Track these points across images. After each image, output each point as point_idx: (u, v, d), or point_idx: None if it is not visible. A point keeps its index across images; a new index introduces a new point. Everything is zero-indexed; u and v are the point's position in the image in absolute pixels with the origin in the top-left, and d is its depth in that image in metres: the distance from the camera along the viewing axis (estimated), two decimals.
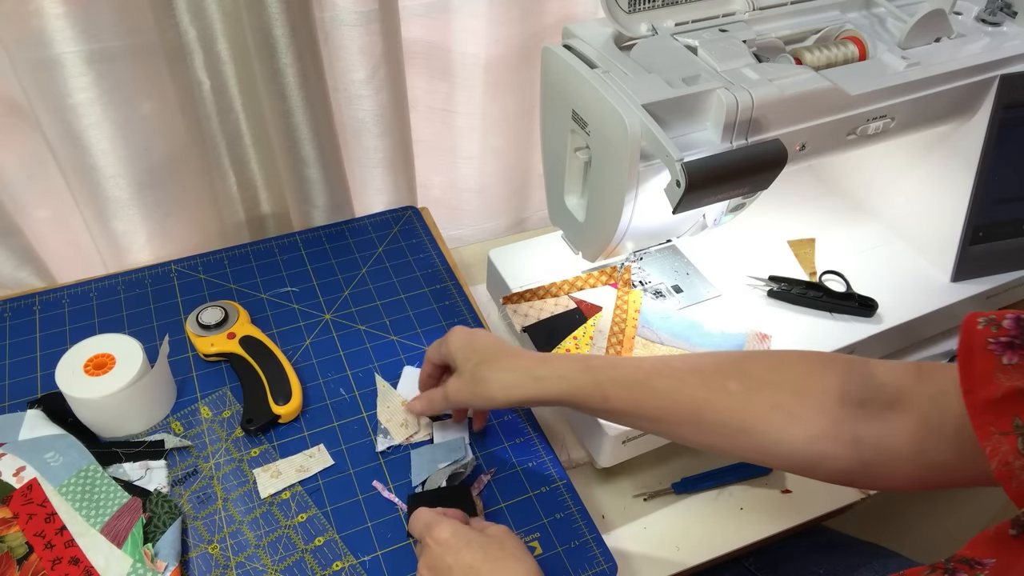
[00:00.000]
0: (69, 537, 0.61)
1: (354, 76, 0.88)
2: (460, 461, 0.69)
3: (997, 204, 0.80)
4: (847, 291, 0.82)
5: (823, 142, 0.68)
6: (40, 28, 0.71)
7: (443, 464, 0.68)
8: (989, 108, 0.75)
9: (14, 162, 0.83)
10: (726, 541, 0.71)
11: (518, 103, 1.03)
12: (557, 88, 0.67)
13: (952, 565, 0.45)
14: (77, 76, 0.74)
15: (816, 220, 0.91)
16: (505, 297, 0.78)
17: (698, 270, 0.83)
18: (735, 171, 0.59)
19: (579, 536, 0.66)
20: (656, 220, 0.69)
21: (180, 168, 0.87)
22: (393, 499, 0.67)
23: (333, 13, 0.83)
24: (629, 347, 0.74)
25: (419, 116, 1.00)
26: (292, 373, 0.75)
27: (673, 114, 0.61)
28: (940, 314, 0.82)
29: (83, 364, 0.69)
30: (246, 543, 0.64)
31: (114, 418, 0.70)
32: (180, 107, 0.84)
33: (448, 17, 0.92)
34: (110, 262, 0.92)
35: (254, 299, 0.85)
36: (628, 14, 0.66)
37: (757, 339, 0.77)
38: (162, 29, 0.78)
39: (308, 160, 0.89)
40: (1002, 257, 0.84)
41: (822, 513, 0.73)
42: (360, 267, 0.90)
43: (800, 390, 0.54)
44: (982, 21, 0.77)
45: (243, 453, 0.70)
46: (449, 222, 1.12)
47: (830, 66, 0.68)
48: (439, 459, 0.69)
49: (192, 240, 0.92)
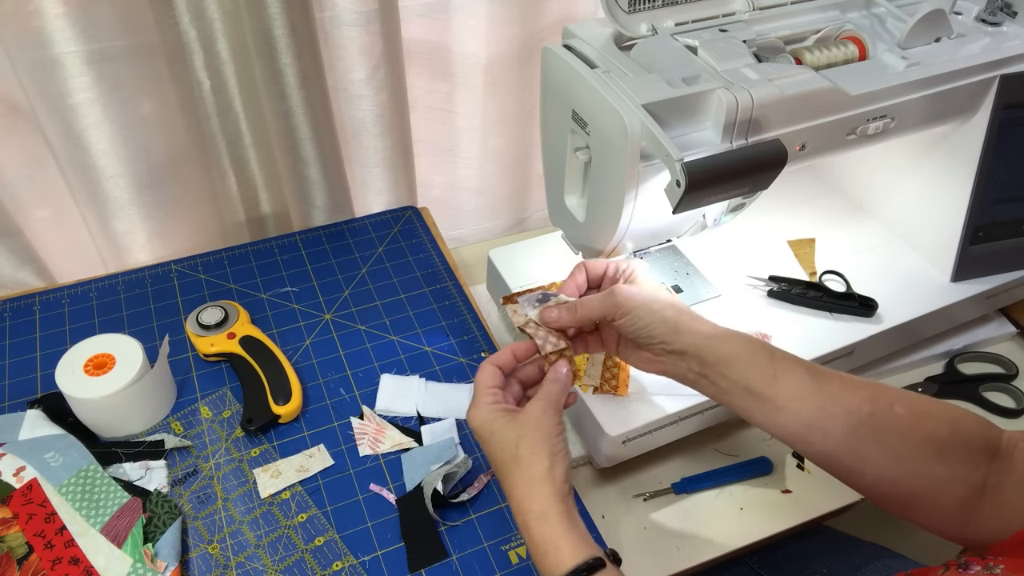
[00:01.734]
0: (69, 537, 0.61)
1: (354, 76, 0.88)
2: (452, 462, 0.69)
3: (997, 204, 0.80)
4: (847, 291, 0.82)
5: (823, 142, 0.68)
6: (40, 28, 0.71)
7: (436, 466, 0.68)
8: (989, 108, 0.75)
9: (14, 162, 0.83)
10: (726, 541, 0.71)
11: (518, 103, 1.03)
12: (557, 88, 0.67)
13: (964, 560, 0.45)
14: (77, 76, 0.74)
15: (816, 220, 0.91)
16: (505, 297, 0.78)
17: (698, 270, 0.83)
18: (735, 171, 0.59)
19: None
20: (656, 220, 0.69)
21: (180, 168, 0.87)
22: (392, 499, 0.67)
23: (333, 13, 0.83)
24: None
25: (419, 116, 1.00)
26: (292, 373, 0.75)
27: (673, 114, 0.61)
28: (940, 314, 0.82)
29: (83, 364, 0.69)
30: (246, 543, 0.64)
31: (114, 418, 0.70)
32: (180, 107, 0.84)
33: (448, 17, 0.92)
34: (110, 262, 0.92)
35: (254, 299, 0.85)
36: (628, 14, 0.66)
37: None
38: (162, 29, 0.78)
39: (308, 160, 0.89)
40: (1002, 257, 0.84)
41: (822, 513, 0.73)
42: (360, 267, 0.90)
43: (953, 428, 0.54)
44: (982, 21, 0.77)
45: (243, 453, 0.70)
46: (449, 222, 1.12)
47: (830, 66, 0.68)
48: (431, 461, 0.69)
49: (192, 240, 0.93)
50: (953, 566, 0.46)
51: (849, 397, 0.55)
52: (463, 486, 0.69)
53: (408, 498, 0.67)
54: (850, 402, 0.55)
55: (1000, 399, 0.84)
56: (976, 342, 0.89)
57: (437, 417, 0.75)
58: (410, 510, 0.66)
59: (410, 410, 0.75)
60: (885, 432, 0.54)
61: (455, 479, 0.68)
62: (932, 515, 0.54)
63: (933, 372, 0.87)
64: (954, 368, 0.87)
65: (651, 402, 0.70)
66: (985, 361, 0.88)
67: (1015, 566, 0.43)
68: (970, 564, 0.45)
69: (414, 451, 0.71)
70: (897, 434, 0.54)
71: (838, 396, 0.55)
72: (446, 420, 0.74)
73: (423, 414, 0.75)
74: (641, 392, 0.71)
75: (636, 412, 0.69)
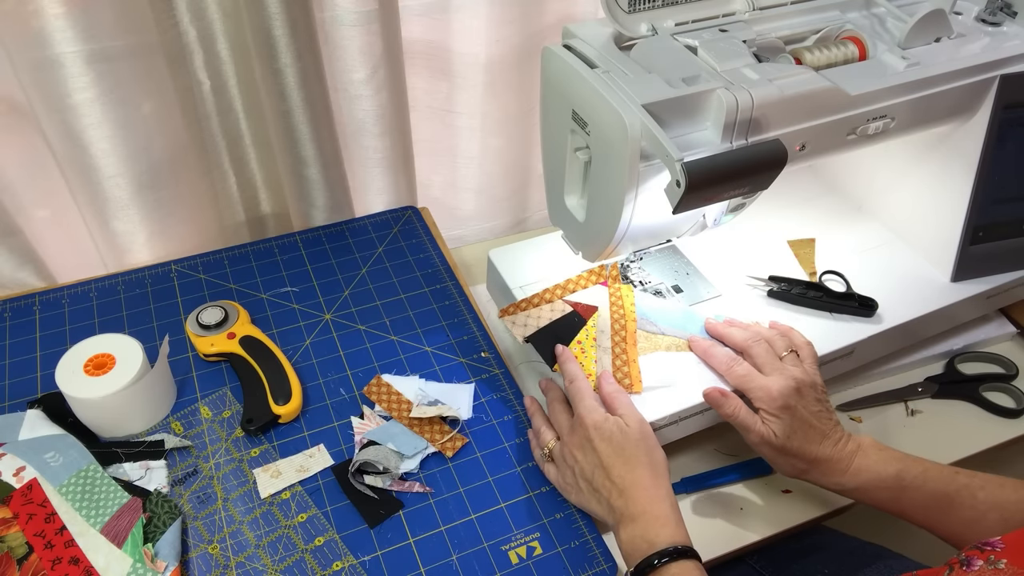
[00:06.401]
0: (69, 537, 0.61)
1: (354, 76, 0.88)
2: (412, 456, 0.70)
3: (997, 204, 0.80)
4: (847, 291, 0.82)
5: (823, 142, 0.68)
6: (40, 28, 0.71)
7: (391, 447, 0.70)
8: (989, 108, 0.75)
9: (14, 162, 0.83)
10: (726, 541, 0.71)
11: (518, 103, 1.03)
12: (557, 88, 0.67)
13: (964, 555, 0.46)
14: (77, 76, 0.74)
15: (816, 220, 0.91)
16: (502, 310, 0.78)
17: (698, 270, 0.83)
18: (735, 171, 0.59)
19: (579, 536, 0.66)
20: (656, 220, 0.69)
21: (180, 168, 0.87)
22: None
23: (333, 13, 0.83)
24: (632, 342, 0.74)
25: (419, 116, 1.00)
26: (292, 373, 0.75)
27: (673, 114, 0.61)
28: (940, 314, 0.82)
29: (83, 364, 0.69)
30: (246, 543, 0.64)
31: (114, 418, 0.70)
32: (180, 107, 0.84)
33: (448, 17, 0.92)
34: (110, 262, 0.92)
35: (254, 299, 0.85)
36: (628, 14, 0.66)
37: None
38: (162, 29, 0.78)
39: (308, 160, 0.89)
40: (1002, 257, 0.84)
41: (822, 513, 0.73)
42: (360, 267, 0.90)
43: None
44: (982, 21, 0.77)
45: (243, 453, 0.70)
46: (449, 222, 1.12)
47: (830, 66, 0.68)
48: (398, 444, 0.71)
49: (192, 240, 0.92)
50: (956, 564, 0.46)
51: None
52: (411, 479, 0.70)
53: (343, 466, 0.69)
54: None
55: (1000, 399, 0.84)
56: (976, 342, 0.89)
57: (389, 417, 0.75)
58: (344, 476, 0.69)
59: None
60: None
61: (391, 474, 0.69)
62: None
63: (933, 372, 0.87)
64: (954, 368, 0.87)
65: (651, 403, 0.70)
66: (985, 361, 0.88)
67: (1018, 560, 0.44)
68: (972, 560, 0.45)
69: (390, 428, 0.72)
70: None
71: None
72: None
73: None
74: (641, 393, 0.71)
75: None
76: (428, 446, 0.71)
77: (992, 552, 0.45)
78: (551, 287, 0.80)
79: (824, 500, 0.74)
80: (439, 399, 0.75)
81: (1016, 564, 0.43)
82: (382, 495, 0.68)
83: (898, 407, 0.84)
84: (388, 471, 0.68)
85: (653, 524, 0.59)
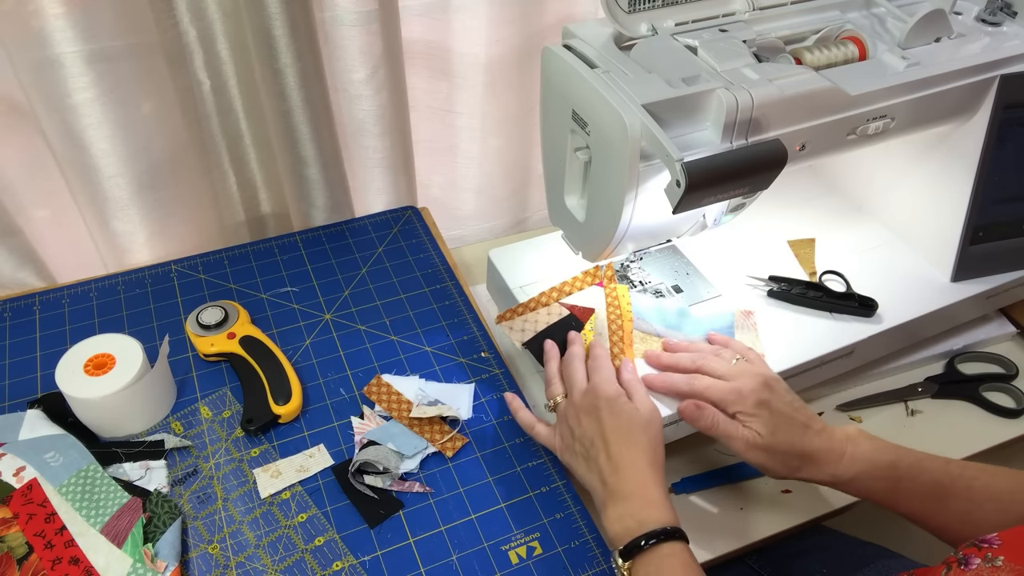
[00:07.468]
0: (69, 537, 0.61)
1: (354, 76, 0.88)
2: (411, 456, 0.70)
3: (997, 204, 0.80)
4: (847, 291, 0.82)
5: (823, 142, 0.68)
6: (40, 28, 0.71)
7: (392, 447, 0.70)
8: (989, 108, 0.75)
9: (14, 162, 0.83)
10: (726, 541, 0.71)
11: (518, 103, 1.03)
12: (557, 88, 0.67)
13: (962, 554, 0.46)
14: (77, 76, 0.74)
15: (816, 220, 0.91)
16: (499, 316, 0.78)
17: (698, 270, 0.83)
18: (735, 171, 0.59)
19: (579, 536, 0.66)
20: (656, 220, 0.69)
21: (180, 168, 0.87)
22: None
23: (333, 13, 0.83)
24: (629, 342, 0.74)
25: (419, 116, 1.00)
26: (292, 373, 0.75)
27: (673, 114, 0.61)
28: (940, 314, 0.82)
29: (83, 364, 0.69)
30: (246, 543, 0.64)
31: (114, 418, 0.70)
32: (180, 107, 0.84)
33: (448, 17, 0.92)
34: (110, 262, 0.92)
35: (254, 299, 0.85)
36: (628, 14, 0.66)
37: (743, 316, 0.78)
38: (162, 29, 0.78)
39: (308, 160, 0.89)
40: (1002, 257, 0.84)
41: (822, 513, 0.73)
42: (360, 267, 0.90)
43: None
44: (982, 21, 0.77)
45: (243, 453, 0.70)
46: (449, 222, 1.12)
47: (830, 66, 0.68)
48: (398, 444, 0.71)
49: (192, 240, 0.92)
50: (954, 563, 0.46)
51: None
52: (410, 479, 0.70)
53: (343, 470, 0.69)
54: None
55: (1000, 399, 0.84)
56: (976, 342, 0.89)
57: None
58: (344, 476, 0.69)
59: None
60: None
61: (391, 474, 0.69)
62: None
63: (933, 372, 0.87)
64: (954, 368, 0.87)
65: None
66: (985, 361, 0.88)
67: (1016, 557, 0.44)
68: (970, 558, 0.45)
69: (390, 428, 0.72)
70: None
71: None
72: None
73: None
74: None
75: None
76: (428, 446, 0.71)
77: (989, 549, 0.45)
78: (547, 290, 0.80)
79: (823, 500, 0.74)
80: (439, 399, 0.75)
81: (1013, 560, 0.43)
82: (382, 495, 0.68)
83: (898, 407, 0.84)
84: (388, 471, 0.68)
85: (644, 505, 0.59)
